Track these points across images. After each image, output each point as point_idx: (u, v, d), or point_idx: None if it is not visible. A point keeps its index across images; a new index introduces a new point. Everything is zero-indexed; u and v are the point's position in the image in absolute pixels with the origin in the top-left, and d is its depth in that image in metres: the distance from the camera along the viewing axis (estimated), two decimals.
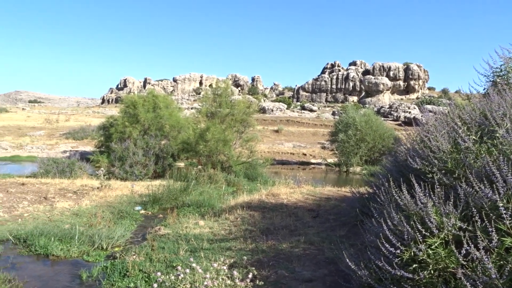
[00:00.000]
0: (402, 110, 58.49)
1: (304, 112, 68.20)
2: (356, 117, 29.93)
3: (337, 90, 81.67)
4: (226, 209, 9.87)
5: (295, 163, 34.44)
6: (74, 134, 39.73)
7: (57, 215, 9.41)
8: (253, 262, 5.65)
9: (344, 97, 79.87)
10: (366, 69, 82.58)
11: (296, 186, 12.32)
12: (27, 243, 6.80)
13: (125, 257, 6.10)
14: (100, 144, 26.70)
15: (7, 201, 10.62)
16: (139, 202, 11.78)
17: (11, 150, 32.79)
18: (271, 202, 10.14)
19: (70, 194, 12.59)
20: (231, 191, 15.30)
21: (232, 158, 20.02)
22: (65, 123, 50.29)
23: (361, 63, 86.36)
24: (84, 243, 6.92)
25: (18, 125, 46.95)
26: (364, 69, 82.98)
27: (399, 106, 60.25)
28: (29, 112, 63.99)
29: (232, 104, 22.19)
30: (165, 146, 21.67)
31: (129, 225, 8.94)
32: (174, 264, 5.68)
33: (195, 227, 8.32)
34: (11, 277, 5.27)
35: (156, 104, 24.08)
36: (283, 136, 46.31)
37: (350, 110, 32.82)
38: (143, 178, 18.95)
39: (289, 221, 8.18)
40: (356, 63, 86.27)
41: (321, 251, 6.06)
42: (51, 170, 18.02)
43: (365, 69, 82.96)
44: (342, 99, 79.73)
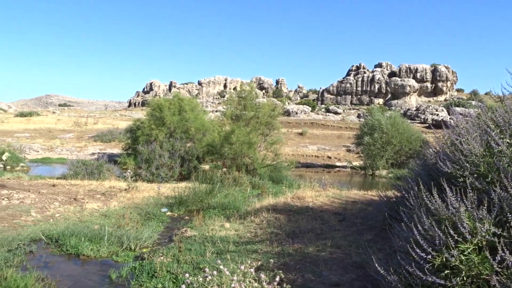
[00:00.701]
0: (429, 112, 57.34)
1: (329, 115, 67.69)
2: (382, 119, 29.52)
3: (362, 93, 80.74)
4: (252, 211, 9.89)
5: (319, 166, 34.23)
6: (102, 137, 40.61)
7: (87, 216, 9.63)
8: (279, 265, 5.64)
9: (370, 100, 78.88)
10: (392, 71, 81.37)
11: (322, 189, 12.23)
12: (59, 243, 6.98)
13: (153, 258, 6.18)
14: (127, 146, 27.21)
15: (39, 201, 10.94)
16: (165, 204, 11.93)
17: (42, 152, 33.80)
18: (297, 205, 10.10)
19: (99, 196, 12.87)
20: (256, 193, 15.32)
21: (257, 160, 20.05)
22: (94, 126, 51.48)
23: (387, 65, 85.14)
24: (113, 244, 7.06)
25: (49, 128, 48.36)
26: (390, 71, 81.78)
27: (426, 108, 59.09)
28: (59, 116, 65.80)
29: (257, 107, 22.26)
30: (190, 149, 21.89)
31: (156, 227, 9.06)
32: (201, 266, 5.73)
33: (220, 230, 8.37)
34: (44, 276, 5.42)
35: (182, 107, 24.39)
36: (308, 138, 46.09)
37: (376, 112, 32.41)
38: (169, 180, 19.19)
39: (315, 224, 8.13)
40: (381, 65, 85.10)
41: (348, 255, 5.99)
42: (80, 172, 18.46)
43: (391, 71, 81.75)
44: (368, 101, 78.77)
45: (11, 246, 6.62)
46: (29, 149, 33.52)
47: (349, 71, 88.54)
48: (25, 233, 7.50)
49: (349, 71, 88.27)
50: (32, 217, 9.22)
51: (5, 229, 8.03)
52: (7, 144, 32.50)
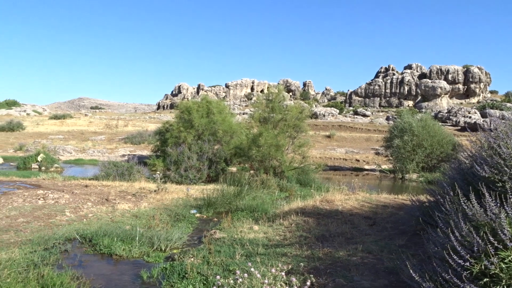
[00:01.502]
0: (461, 115, 55.76)
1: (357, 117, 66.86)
2: (413, 122, 28.89)
3: (391, 95, 79.39)
4: (280, 214, 9.86)
5: (347, 169, 33.80)
6: (132, 139, 41.40)
7: (118, 216, 9.82)
8: (309, 269, 5.59)
9: (399, 102, 77.48)
10: (422, 73, 79.70)
11: (351, 192, 12.07)
12: (92, 242, 7.15)
13: (183, 259, 6.24)
14: (156, 148, 27.65)
15: (73, 202, 11.24)
16: (194, 205, 12.04)
17: (75, 154, 34.74)
18: (326, 208, 9.99)
19: (130, 197, 13.10)
20: (284, 196, 15.28)
21: (285, 163, 19.99)
22: (124, 128, 52.59)
23: (417, 66, 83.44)
24: (144, 244, 7.17)
25: (81, 130, 49.71)
26: (421, 73, 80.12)
27: (458, 110, 57.49)
28: (91, 118, 67.56)
29: (285, 110, 22.20)
30: (218, 151, 22.03)
31: (186, 228, 9.15)
32: (231, 268, 5.74)
33: (249, 232, 8.37)
34: (79, 275, 5.56)
35: (210, 109, 24.59)
36: (335, 141, 45.63)
37: (405, 115, 31.76)
38: (197, 182, 19.36)
39: (345, 228, 8.02)
40: (411, 67, 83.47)
41: (380, 260, 5.88)
42: (111, 173, 18.85)
43: (421, 73, 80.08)
44: (397, 103, 77.39)
45: (47, 244, 6.83)
46: (63, 151, 34.52)
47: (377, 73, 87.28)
48: (60, 232, 7.72)
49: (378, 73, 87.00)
50: (67, 216, 9.48)
51: (41, 228, 8.29)
52: (42, 145, 33.60)
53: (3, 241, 7.06)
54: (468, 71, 74.83)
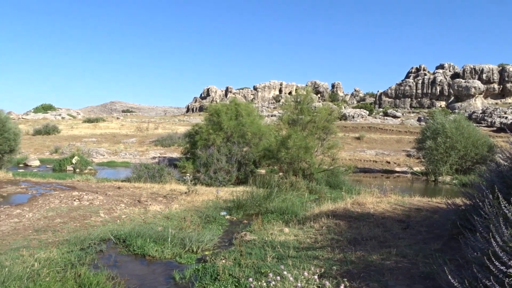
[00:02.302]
0: (497, 115, 53.94)
1: (387, 119, 65.72)
2: (446, 123, 28.15)
3: (422, 95, 77.65)
4: (311, 217, 9.79)
5: (378, 171, 33.27)
6: (162, 141, 42.09)
7: (151, 218, 9.99)
8: (342, 272, 5.51)
9: (431, 102, 75.69)
10: (455, 72, 77.60)
11: (382, 195, 11.85)
12: (126, 243, 7.29)
13: (214, 261, 6.28)
14: (186, 150, 28.02)
15: (106, 203, 11.51)
16: (224, 207, 12.11)
17: (107, 156, 35.63)
18: (357, 211, 9.85)
19: (161, 198, 13.31)
20: (313, 198, 15.15)
21: (314, 165, 19.86)
22: (154, 131, 53.53)
23: (450, 66, 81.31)
24: (176, 245, 7.25)
25: (113, 133, 50.94)
26: (453, 72, 78.04)
27: (493, 111, 55.64)
28: (123, 121, 69.14)
29: (314, 111, 22.07)
30: (247, 153, 22.12)
31: (216, 230, 9.20)
32: (263, 270, 5.73)
33: (280, 234, 8.34)
34: (114, 275, 5.68)
35: (238, 112, 24.74)
36: (365, 143, 44.99)
37: (438, 115, 30.96)
38: (226, 184, 19.49)
39: (378, 231, 7.88)
40: (444, 66, 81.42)
41: (415, 265, 5.73)
42: (143, 175, 19.20)
43: (454, 72, 78.00)
44: (429, 104, 75.62)
45: (83, 245, 7.01)
46: (96, 153, 35.46)
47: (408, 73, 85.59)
48: (95, 232, 7.91)
49: (409, 73, 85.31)
50: (101, 217, 9.72)
51: (77, 228, 8.53)
52: (76, 148, 34.61)
53: (42, 241, 7.30)
54: (504, 70, 72.33)
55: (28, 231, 8.11)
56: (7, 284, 5.06)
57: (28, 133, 46.46)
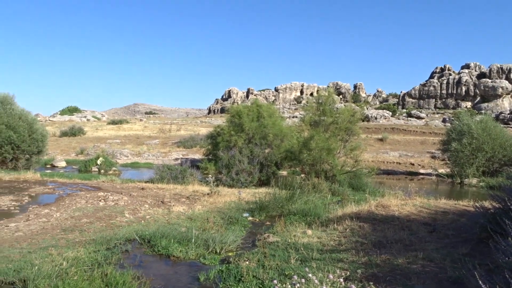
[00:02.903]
0: None
1: (411, 120, 64.65)
2: (472, 124, 27.47)
3: (447, 96, 76.06)
4: (334, 219, 9.70)
5: (401, 173, 32.74)
6: (185, 143, 42.47)
7: (174, 219, 10.08)
8: (367, 276, 5.44)
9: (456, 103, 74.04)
10: (481, 72, 75.69)
11: (407, 197, 11.64)
12: (151, 243, 7.38)
13: (238, 262, 6.29)
14: (208, 152, 28.17)
15: (131, 203, 11.69)
16: (246, 209, 12.12)
17: (131, 157, 36.17)
18: (381, 213, 9.71)
19: (184, 199, 13.42)
20: (336, 200, 15.02)
21: (336, 167, 19.67)
22: (177, 132, 54.08)
23: (476, 65, 79.37)
24: (200, 246, 7.30)
25: (137, 134, 51.70)
26: (479, 72, 76.14)
27: None
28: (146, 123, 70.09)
29: (336, 113, 21.89)
30: (269, 155, 22.10)
31: (239, 231, 9.23)
32: (286, 272, 5.71)
33: (303, 236, 8.30)
34: (139, 274, 5.75)
35: (260, 113, 24.74)
36: (388, 144, 44.33)
37: (464, 116, 30.24)
38: (248, 186, 19.51)
39: (403, 234, 7.75)
40: (469, 66, 79.54)
41: (442, 269, 5.61)
42: (166, 176, 19.42)
43: (480, 72, 76.09)
44: (454, 105, 74.00)
45: (109, 244, 7.13)
46: (120, 154, 36.05)
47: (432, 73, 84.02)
48: (121, 233, 8.04)
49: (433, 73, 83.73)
50: (126, 218, 9.87)
51: (103, 228, 8.68)
52: (101, 149, 35.28)
53: (69, 240, 7.46)
54: None
55: (56, 230, 8.30)
56: (37, 282, 5.19)
57: (54, 134, 47.61)
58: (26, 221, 9.32)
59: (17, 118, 22.34)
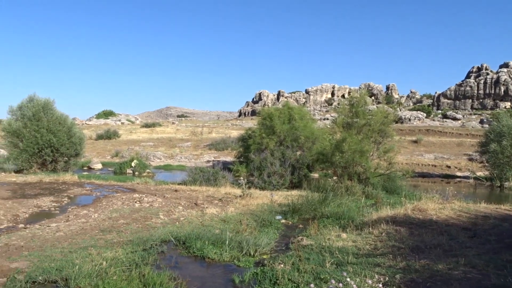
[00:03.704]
0: None
1: (446, 121, 62.87)
2: None
3: (485, 96, 73.56)
4: (368, 222, 9.54)
5: (437, 176, 31.87)
6: (216, 145, 42.86)
7: (208, 220, 10.17)
8: (406, 281, 5.30)
9: (494, 103, 71.50)
10: None
11: (445, 201, 11.31)
12: (186, 245, 7.46)
13: (273, 265, 6.26)
14: (239, 154, 28.28)
15: (165, 205, 11.88)
16: (279, 211, 12.09)
17: (164, 160, 36.81)
18: (418, 217, 9.46)
19: (216, 201, 13.53)
20: (370, 204, 14.77)
21: (370, 169, 19.34)
22: (208, 135, 54.67)
23: None
24: (234, 248, 7.32)
25: (169, 137, 52.57)
26: None
27: None
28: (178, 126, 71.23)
29: (369, 114, 21.53)
30: (300, 157, 21.98)
31: (272, 234, 9.20)
32: (322, 276, 5.64)
33: (337, 240, 8.20)
34: (176, 276, 5.82)
35: (291, 115, 24.65)
36: (423, 146, 43.25)
37: (503, 117, 29.10)
38: (280, 188, 19.46)
39: (442, 239, 7.52)
40: (508, 65, 76.62)
41: (486, 276, 5.40)
42: (198, 179, 19.65)
43: None
44: (492, 105, 71.48)
45: (145, 245, 7.25)
46: (153, 157, 36.75)
47: (469, 73, 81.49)
48: (156, 234, 8.17)
49: (469, 73, 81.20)
50: (161, 219, 10.03)
51: (139, 229, 8.86)
52: (135, 152, 36.07)
53: (108, 241, 7.64)
54: None
55: (95, 231, 8.53)
56: (78, 281, 5.34)
57: (91, 137, 49.06)
58: (66, 221, 9.62)
59: (57, 122, 23.17)
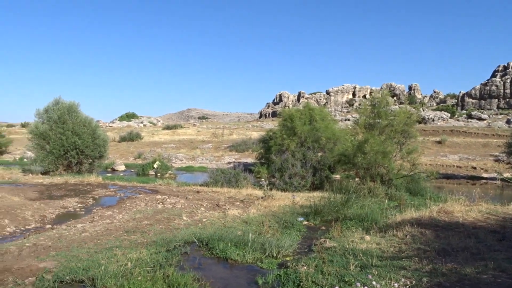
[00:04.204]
0: None
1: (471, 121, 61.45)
2: None
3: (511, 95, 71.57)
4: (392, 225, 9.39)
5: (462, 177, 31.18)
6: (237, 147, 43.00)
7: (230, 222, 10.19)
8: (433, 285, 5.19)
9: None
10: None
11: (472, 203, 11.04)
12: (209, 246, 7.49)
13: (296, 267, 6.23)
14: (260, 156, 28.28)
15: (188, 206, 11.97)
16: (300, 213, 12.04)
17: (185, 161, 37.12)
18: (444, 220, 9.26)
19: (238, 203, 13.56)
20: (393, 205, 14.56)
21: (393, 171, 19.05)
22: (229, 136, 54.87)
23: None
24: (256, 250, 7.31)
25: (191, 139, 53.01)
26: None
27: None
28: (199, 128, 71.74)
29: (391, 115, 21.22)
30: (322, 158, 21.83)
31: (295, 235, 9.16)
32: (346, 279, 5.58)
33: (361, 242, 8.09)
34: (199, 276, 5.85)
35: (312, 116, 24.51)
36: (447, 147, 42.39)
37: None
38: (301, 189, 19.38)
39: (469, 242, 7.34)
40: None
41: None
42: (220, 180, 19.72)
43: None
44: None
45: (169, 246, 7.32)
46: (175, 158, 37.11)
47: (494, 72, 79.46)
48: (180, 235, 8.24)
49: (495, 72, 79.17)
50: (183, 220, 10.11)
51: (162, 230, 8.95)
52: (157, 154, 36.51)
53: (132, 241, 7.75)
54: None
55: (119, 231, 8.66)
56: (104, 281, 5.42)
57: (114, 140, 49.90)
58: (91, 222, 9.80)
59: (82, 125, 23.65)
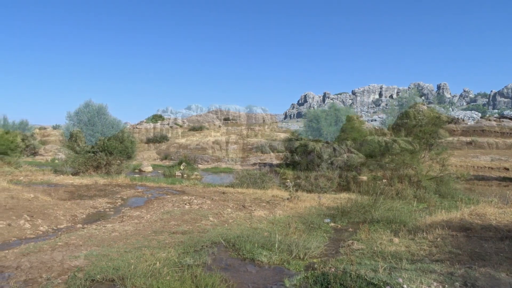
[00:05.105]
0: None
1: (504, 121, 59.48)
2: None
3: None
4: (422, 227, 9.19)
5: (494, 179, 30.23)
6: (262, 148, 43.04)
7: (256, 223, 10.20)
8: None
9: None
10: None
11: (505, 205, 10.68)
12: (236, 247, 7.51)
13: (323, 269, 6.17)
14: (286, 157, 28.25)
15: (214, 207, 12.05)
16: (327, 214, 11.94)
17: (211, 162, 37.41)
18: (476, 222, 9.00)
19: (264, 204, 13.55)
20: (422, 207, 14.26)
21: (421, 172, 18.68)
22: (254, 138, 54.97)
23: None
24: (283, 251, 7.28)
25: (217, 140, 53.39)
26: None
27: None
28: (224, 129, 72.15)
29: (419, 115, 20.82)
30: (348, 159, 21.62)
31: (321, 237, 9.09)
32: (375, 282, 5.48)
33: (389, 244, 7.96)
34: (226, 277, 5.87)
35: (338, 117, 24.34)
36: (478, 148, 41.24)
37: None
38: (327, 191, 19.22)
39: (504, 246, 7.11)
40: None
41: None
42: (245, 181, 19.77)
43: None
44: None
45: (196, 247, 7.38)
46: (201, 160, 37.45)
47: None
48: (207, 236, 8.30)
49: None
50: (210, 221, 10.18)
51: (189, 230, 9.03)
52: (183, 155, 36.94)
53: (160, 242, 7.85)
54: None
55: (148, 231, 8.79)
56: (134, 280, 5.51)
57: (141, 141, 50.76)
58: (121, 222, 9.99)
59: (110, 126, 24.17)
